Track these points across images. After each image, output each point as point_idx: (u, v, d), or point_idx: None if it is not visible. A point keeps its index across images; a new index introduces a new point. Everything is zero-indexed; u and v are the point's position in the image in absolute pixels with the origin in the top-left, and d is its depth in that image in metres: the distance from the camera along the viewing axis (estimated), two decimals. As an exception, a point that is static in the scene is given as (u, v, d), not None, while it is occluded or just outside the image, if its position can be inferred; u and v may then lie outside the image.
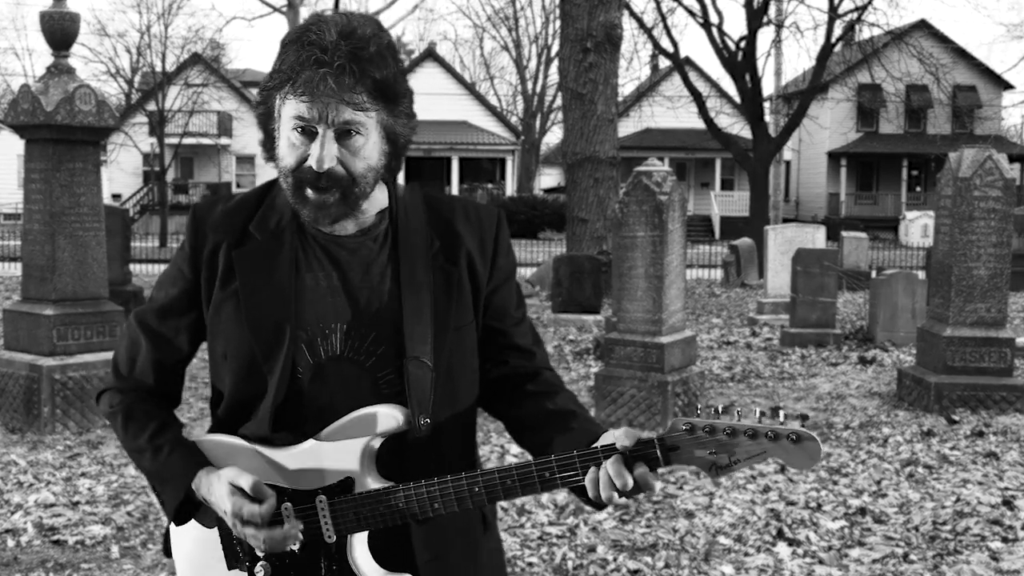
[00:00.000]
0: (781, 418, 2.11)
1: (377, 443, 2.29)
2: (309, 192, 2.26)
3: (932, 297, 11.12)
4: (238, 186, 54.32)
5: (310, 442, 2.30)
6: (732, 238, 34.96)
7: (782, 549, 6.29)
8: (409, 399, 2.31)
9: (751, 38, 31.24)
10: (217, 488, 2.31)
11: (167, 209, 42.37)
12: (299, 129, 2.23)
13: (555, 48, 55.46)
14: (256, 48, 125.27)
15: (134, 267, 23.47)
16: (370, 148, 2.28)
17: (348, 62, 2.18)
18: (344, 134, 2.24)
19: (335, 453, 2.29)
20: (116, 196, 49.50)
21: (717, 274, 27.91)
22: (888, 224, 49.99)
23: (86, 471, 7.92)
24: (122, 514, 6.84)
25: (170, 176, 49.05)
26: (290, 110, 2.23)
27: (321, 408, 2.33)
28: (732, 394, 11.18)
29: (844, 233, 25.16)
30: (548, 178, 66.29)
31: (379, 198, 2.44)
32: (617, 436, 2.19)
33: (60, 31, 9.60)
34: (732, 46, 31.45)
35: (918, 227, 43.73)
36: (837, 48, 34.23)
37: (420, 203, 2.48)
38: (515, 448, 8.33)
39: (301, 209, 2.30)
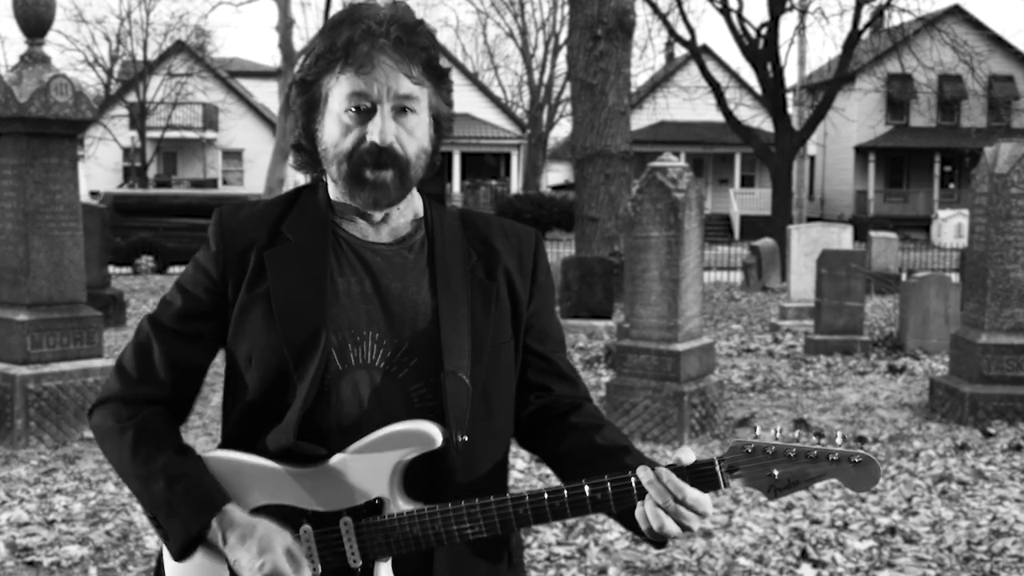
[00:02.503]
0: (839, 440, 2.21)
1: (408, 462, 2.28)
2: (368, 173, 2.31)
3: (966, 302, 11.12)
4: (224, 182, 54.34)
5: (335, 459, 2.28)
6: (753, 238, 34.90)
7: (806, 571, 6.28)
8: (446, 416, 2.30)
9: (773, 24, 31.21)
10: (259, 538, 2.26)
11: (149, 207, 42.36)
12: (354, 109, 2.30)
13: (563, 35, 55.42)
14: (244, 36, 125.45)
15: (113, 269, 23.53)
16: (422, 129, 2.37)
17: (404, 34, 2.31)
18: (400, 112, 2.32)
19: (363, 471, 2.27)
20: (94, 193, 49.49)
21: (737, 277, 27.90)
22: (919, 223, 49.92)
23: (62, 487, 7.92)
24: (100, 533, 6.84)
25: (152, 172, 49.11)
26: (344, 88, 2.30)
27: (347, 418, 2.32)
28: (753, 405, 11.17)
29: (872, 233, 25.16)
30: (556, 174, 66.26)
31: (414, 206, 2.50)
32: (675, 456, 2.23)
33: (34, 17, 9.62)
34: (753, 33, 31.41)
35: (951, 227, 43.67)
36: (865, 35, 34.16)
37: (455, 216, 2.53)
38: (520, 463, 8.33)
39: (357, 194, 2.34)
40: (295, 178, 57.32)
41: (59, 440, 9.24)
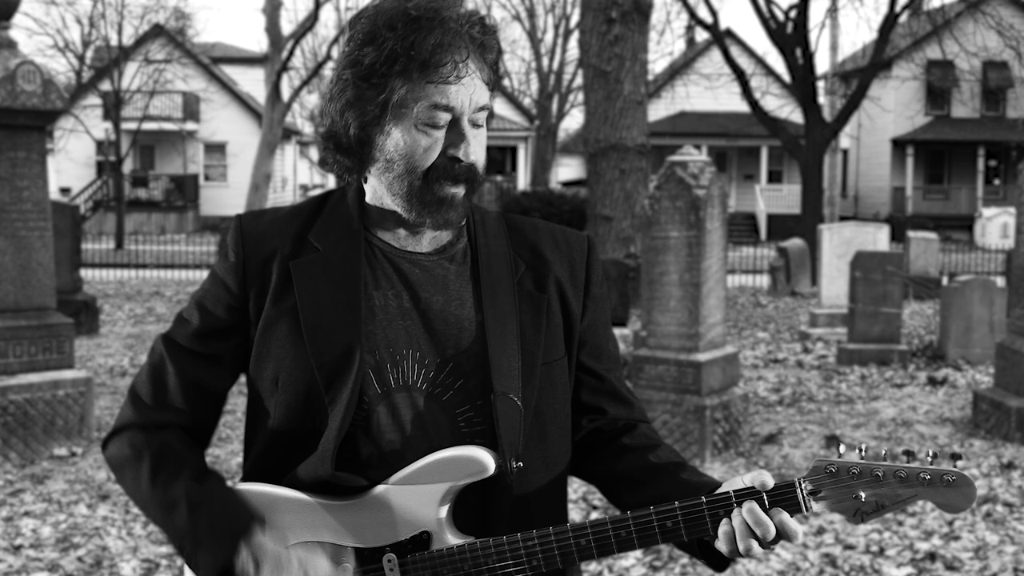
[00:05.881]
0: (930, 457, 2.17)
1: (457, 492, 2.24)
2: (444, 191, 2.27)
3: (1013, 307, 11.10)
4: (207, 178, 54.38)
5: (377, 490, 2.25)
6: (780, 239, 34.90)
7: (839, 601, 6.28)
8: (498, 441, 2.26)
9: (803, 7, 31.21)
10: (298, 561, 2.22)
11: (124, 205, 42.43)
12: (431, 121, 2.25)
13: (575, 18, 55.54)
14: (227, 19, 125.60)
15: (86, 273, 23.57)
16: (485, 138, 2.37)
17: (483, 36, 2.28)
18: (474, 125, 2.30)
19: (408, 503, 2.23)
20: (65, 190, 49.58)
21: (763, 281, 27.90)
22: (961, 223, 49.92)
23: (30, 510, 7.93)
24: (71, 560, 6.85)
25: (127, 167, 49.05)
26: (426, 98, 2.24)
27: (389, 446, 2.28)
28: (781, 420, 11.16)
29: (911, 233, 25.13)
30: (567, 169, 66.29)
31: None
32: (750, 479, 2.19)
33: (0, -1, 9.63)
34: (781, 16, 31.42)
35: (996, 226, 43.66)
36: (902, 18, 34.19)
37: (499, 222, 2.49)
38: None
39: (428, 213, 2.29)
40: (282, 173, 57.33)
41: (27, 458, 9.25)
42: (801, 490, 2.17)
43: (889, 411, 11.71)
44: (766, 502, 2.16)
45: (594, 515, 7.69)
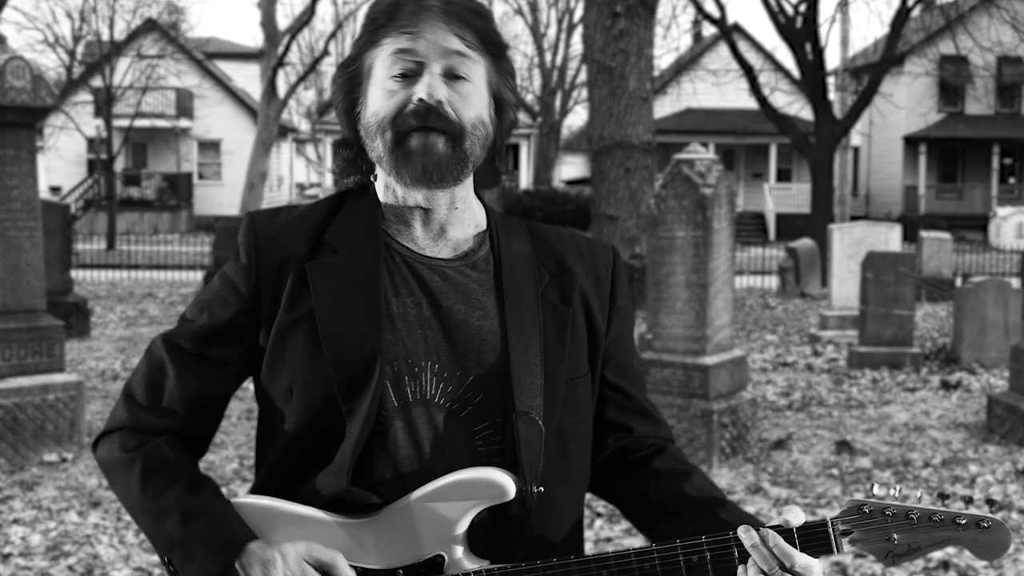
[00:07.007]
0: (963, 502, 2.19)
1: (473, 515, 2.19)
2: (413, 141, 2.21)
3: (1029, 309, 11.10)
4: (201, 177, 54.39)
5: (390, 509, 2.20)
6: (790, 239, 34.90)
7: (849, 611, 6.27)
8: (519, 464, 2.22)
9: (812, 1, 31.23)
10: (279, 568, 2.15)
11: (116, 204, 42.42)
12: (398, 76, 2.23)
13: (579, 13, 55.52)
14: (222, 13, 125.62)
15: (77, 274, 23.56)
16: (479, 99, 2.28)
17: (450, 6, 2.26)
18: (452, 78, 2.24)
19: (422, 525, 2.18)
20: (55, 189, 49.61)
21: (772, 282, 27.89)
22: (976, 222, 49.90)
23: (19, 517, 7.93)
24: (62, 568, 6.84)
25: (119, 165, 49.14)
26: (388, 50, 2.24)
27: (403, 463, 2.23)
28: (790, 425, 11.16)
29: (923, 233, 25.13)
30: (570, 167, 66.30)
31: (476, 215, 2.41)
32: (782, 516, 2.19)
33: (-11, -7, 9.63)
34: (790, 10, 31.40)
35: (1011, 226, 43.64)
36: (915, 13, 34.19)
37: (523, 230, 2.45)
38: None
39: (403, 166, 2.24)
40: (278, 171, 57.30)
41: (16, 464, 9.24)
42: (833, 530, 2.17)
43: (901, 416, 11.70)
44: (797, 541, 2.15)
45: (598, 523, 7.68)
